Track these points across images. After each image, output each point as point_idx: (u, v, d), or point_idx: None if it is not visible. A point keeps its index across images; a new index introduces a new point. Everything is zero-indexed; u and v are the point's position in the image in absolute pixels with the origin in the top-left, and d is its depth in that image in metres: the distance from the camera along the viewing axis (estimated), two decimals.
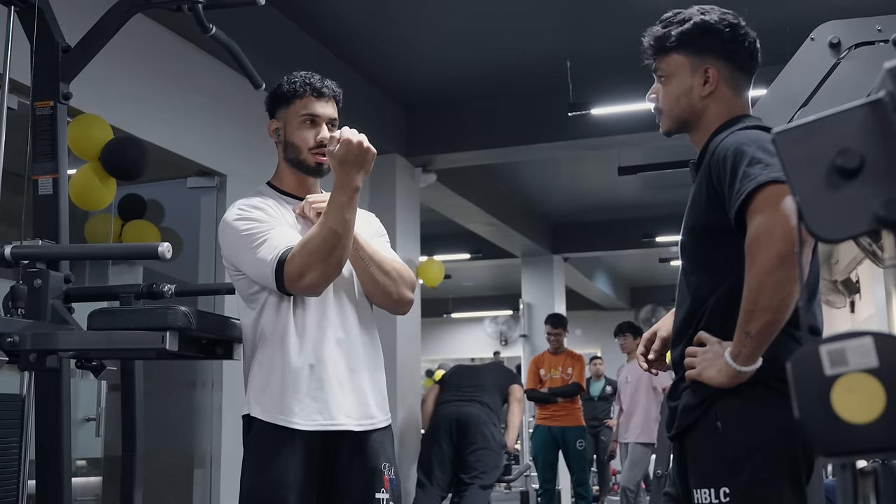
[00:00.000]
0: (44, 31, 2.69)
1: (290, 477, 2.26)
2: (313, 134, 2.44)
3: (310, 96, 2.45)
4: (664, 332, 2.12)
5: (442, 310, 17.22)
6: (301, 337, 2.34)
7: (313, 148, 2.44)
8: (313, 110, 2.45)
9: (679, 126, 2.03)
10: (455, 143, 7.81)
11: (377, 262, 2.41)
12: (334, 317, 2.39)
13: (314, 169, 2.47)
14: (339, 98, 2.53)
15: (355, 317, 2.43)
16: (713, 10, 1.99)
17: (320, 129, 2.44)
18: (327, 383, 2.32)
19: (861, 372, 0.86)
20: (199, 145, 5.28)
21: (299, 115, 2.45)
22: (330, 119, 2.47)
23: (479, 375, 6.94)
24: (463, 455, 6.35)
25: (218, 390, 5.25)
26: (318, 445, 2.31)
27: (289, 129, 2.48)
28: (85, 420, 4.39)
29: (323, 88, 2.46)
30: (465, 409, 6.47)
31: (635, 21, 2.81)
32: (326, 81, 2.49)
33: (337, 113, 2.51)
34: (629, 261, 14.93)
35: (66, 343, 2.24)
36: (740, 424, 1.76)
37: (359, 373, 2.38)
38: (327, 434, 2.31)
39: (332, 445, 2.33)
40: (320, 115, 2.45)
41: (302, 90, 2.46)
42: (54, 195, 2.64)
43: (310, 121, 2.45)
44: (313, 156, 2.45)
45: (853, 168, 0.89)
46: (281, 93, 2.50)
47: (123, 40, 2.94)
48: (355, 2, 5.90)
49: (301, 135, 2.45)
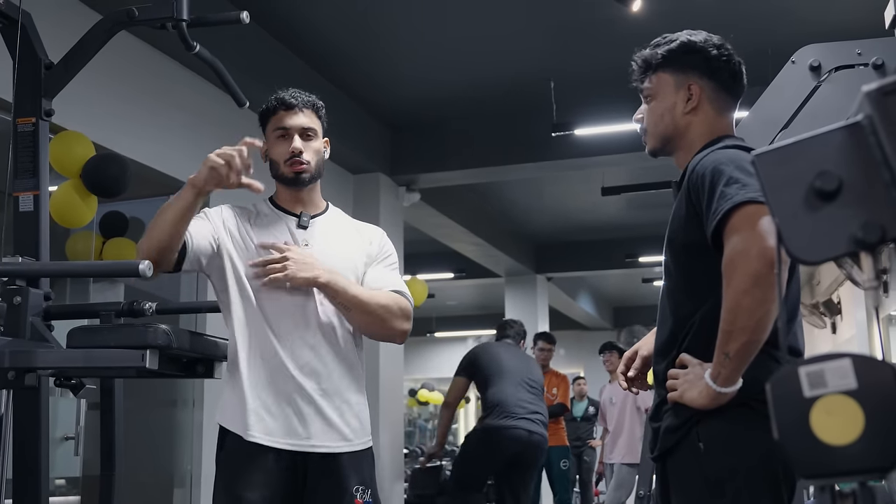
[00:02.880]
0: (27, 48, 2.67)
1: (257, 494, 2.26)
2: (286, 146, 2.47)
3: (280, 111, 2.49)
4: (645, 351, 2.12)
5: (425, 329, 17.18)
6: (274, 355, 2.35)
7: (287, 159, 2.46)
8: (283, 123, 2.48)
9: (663, 144, 2.04)
10: (439, 162, 7.83)
11: (358, 305, 2.40)
12: (311, 336, 2.38)
13: (292, 179, 2.49)
14: (316, 105, 2.54)
15: (334, 336, 2.42)
16: (700, 33, 2.03)
17: (292, 141, 2.47)
18: (298, 403, 2.33)
19: (840, 394, 0.86)
20: (181, 162, 5.26)
21: (273, 130, 2.50)
22: (302, 129, 2.48)
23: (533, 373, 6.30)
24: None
25: (199, 409, 5.22)
26: (289, 465, 2.32)
27: (269, 146, 2.52)
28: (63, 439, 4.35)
29: (291, 100, 2.49)
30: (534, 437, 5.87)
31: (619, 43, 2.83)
32: (296, 92, 2.52)
33: (314, 121, 2.52)
34: (612, 281, 14.96)
35: (45, 361, 2.22)
36: (723, 446, 1.76)
37: (333, 394, 2.38)
38: (297, 454, 2.32)
39: (303, 466, 2.33)
40: (291, 127, 2.48)
41: (274, 106, 2.51)
42: (35, 212, 2.62)
43: (282, 135, 2.48)
44: (289, 167, 2.47)
45: (832, 190, 0.89)
46: (261, 114, 2.56)
47: (106, 57, 2.93)
48: (340, 21, 5.91)
49: (277, 150, 2.50)
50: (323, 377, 2.37)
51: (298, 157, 2.45)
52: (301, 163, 2.46)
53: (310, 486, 2.33)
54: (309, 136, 2.49)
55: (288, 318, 2.38)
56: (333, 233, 2.54)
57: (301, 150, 2.46)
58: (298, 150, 2.45)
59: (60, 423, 4.40)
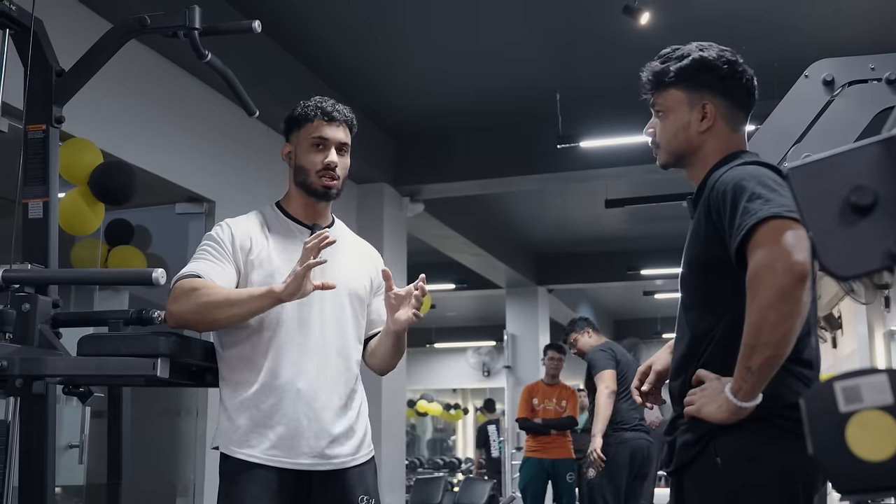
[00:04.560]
0: (38, 55, 2.67)
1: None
2: (322, 157, 2.44)
3: (320, 120, 2.45)
4: (659, 366, 2.11)
5: (425, 340, 17.18)
6: (278, 369, 2.33)
7: (320, 171, 2.43)
8: (323, 133, 2.44)
9: (676, 160, 2.03)
10: (443, 173, 7.83)
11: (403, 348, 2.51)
12: (317, 351, 2.37)
13: (321, 192, 2.46)
14: (352, 123, 2.52)
15: (339, 351, 2.42)
16: (711, 47, 2.00)
17: (329, 153, 2.44)
18: (302, 419, 2.31)
19: (876, 409, 0.86)
20: (188, 171, 5.27)
21: (309, 138, 2.45)
22: (340, 143, 2.46)
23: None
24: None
25: (202, 418, 5.20)
26: (292, 482, 2.30)
27: (299, 152, 2.47)
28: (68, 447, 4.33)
29: (334, 113, 2.46)
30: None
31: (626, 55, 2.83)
32: (338, 106, 2.49)
33: (349, 138, 2.50)
34: (613, 293, 14.96)
35: (54, 369, 2.20)
36: (740, 461, 1.75)
37: (338, 409, 2.36)
38: (300, 473, 2.30)
39: (306, 482, 2.31)
40: (329, 139, 2.44)
41: (313, 114, 2.46)
42: (44, 219, 2.61)
43: (319, 144, 2.45)
44: (320, 178, 2.44)
45: (867, 205, 0.89)
46: (293, 117, 2.50)
47: (116, 65, 2.92)
48: (347, 31, 5.92)
49: (310, 158, 2.45)
50: (328, 392, 2.36)
51: (333, 170, 2.44)
52: (334, 178, 2.44)
53: (314, 499, 2.32)
54: (343, 153, 2.47)
55: (294, 332, 2.36)
56: (343, 248, 2.52)
57: (337, 163, 2.44)
58: (335, 164, 2.43)
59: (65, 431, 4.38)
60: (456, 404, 19.75)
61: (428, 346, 17.66)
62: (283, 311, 2.36)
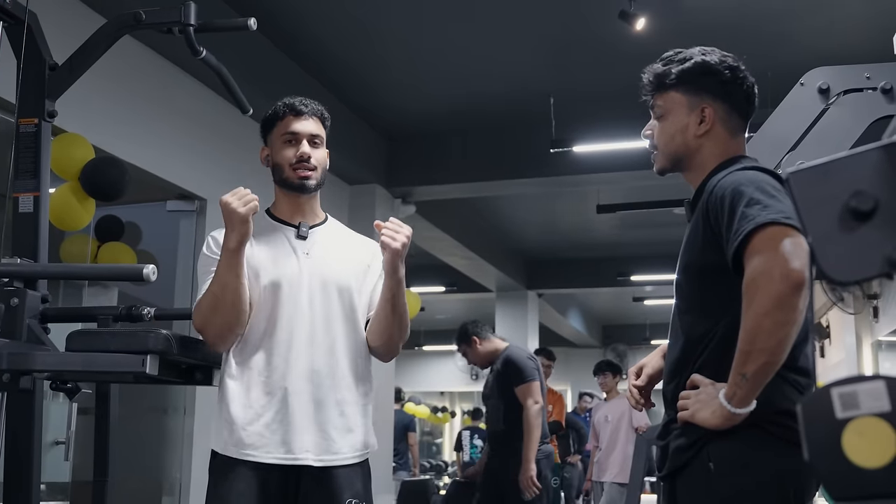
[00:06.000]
0: (32, 48, 2.65)
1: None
2: (294, 151, 2.45)
3: (289, 116, 2.47)
4: (650, 369, 2.11)
5: (413, 342, 17.15)
6: (268, 367, 2.33)
7: (294, 164, 2.44)
8: (292, 128, 2.46)
9: (673, 164, 2.03)
10: (435, 175, 7.83)
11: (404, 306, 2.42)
12: (312, 347, 2.36)
13: (298, 185, 2.46)
14: (323, 115, 2.54)
15: (337, 348, 2.40)
16: (714, 52, 2.00)
17: (301, 146, 2.45)
18: (291, 416, 2.30)
19: (873, 416, 0.85)
20: (180, 169, 5.24)
21: (281, 135, 2.47)
22: (311, 135, 2.47)
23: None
24: None
25: (190, 416, 5.18)
26: (279, 479, 2.29)
27: (274, 150, 2.49)
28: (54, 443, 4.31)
29: (300, 107, 2.48)
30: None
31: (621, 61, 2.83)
32: (305, 101, 2.50)
33: (321, 130, 2.52)
34: (602, 299, 14.97)
35: (43, 364, 2.19)
36: (733, 467, 1.75)
37: (327, 406, 2.35)
38: (288, 468, 2.29)
39: (294, 480, 2.30)
40: (299, 133, 2.46)
41: (282, 112, 2.48)
42: (35, 213, 2.60)
43: (291, 139, 2.46)
44: (295, 171, 2.45)
45: (867, 210, 0.88)
46: (266, 118, 2.53)
47: (109, 61, 2.91)
48: (341, 31, 5.92)
49: (283, 154, 2.46)
50: (321, 390, 2.35)
51: (307, 161, 2.44)
52: (309, 168, 2.44)
53: (301, 499, 2.31)
54: (316, 144, 2.48)
55: (289, 330, 2.35)
56: (333, 243, 2.52)
57: (310, 154, 2.45)
58: (307, 155, 2.44)
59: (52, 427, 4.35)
60: (443, 407, 19.72)
61: (416, 348, 17.64)
62: (273, 308, 2.35)
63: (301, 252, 2.44)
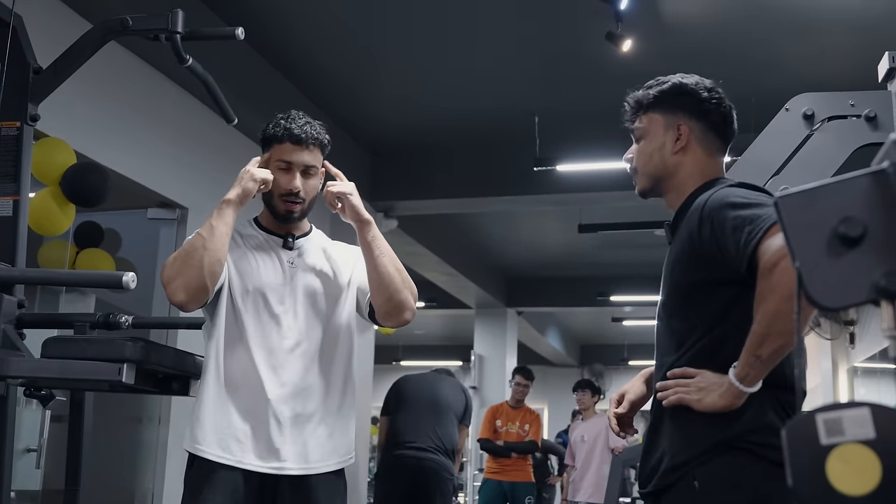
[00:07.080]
0: (16, 51, 2.64)
1: None
2: (286, 181, 2.44)
3: (287, 143, 2.44)
4: (632, 395, 2.10)
5: (391, 357, 17.08)
6: (249, 375, 2.32)
7: (283, 195, 2.43)
8: (287, 157, 2.44)
9: (653, 184, 2.04)
10: (418, 190, 7.82)
11: (389, 254, 2.43)
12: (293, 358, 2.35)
13: (283, 216, 2.47)
14: (323, 143, 2.50)
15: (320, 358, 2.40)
16: (693, 76, 2.05)
17: (293, 178, 2.43)
18: (270, 424, 2.30)
19: (857, 443, 0.85)
20: (162, 177, 5.21)
21: (276, 160, 2.45)
22: (305, 166, 2.45)
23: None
24: None
25: (164, 426, 5.13)
26: (256, 486, 2.29)
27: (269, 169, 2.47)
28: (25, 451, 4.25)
29: (301, 135, 2.43)
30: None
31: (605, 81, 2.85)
32: (307, 127, 2.45)
33: (318, 159, 2.48)
34: (581, 318, 14.99)
35: (17, 370, 2.16)
36: (719, 486, 1.75)
37: (308, 415, 2.34)
38: (265, 476, 2.29)
39: (271, 488, 2.30)
40: (293, 163, 2.44)
41: (282, 135, 2.44)
42: (14, 217, 2.57)
43: (284, 168, 2.45)
44: (283, 202, 2.44)
45: (855, 237, 0.88)
46: (266, 134, 2.50)
47: (94, 66, 2.90)
48: (328, 43, 5.92)
49: (275, 180, 2.44)
50: (300, 399, 2.34)
51: (295, 195, 2.43)
52: (296, 202, 2.44)
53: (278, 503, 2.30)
54: (310, 174, 2.47)
55: (270, 339, 2.35)
56: (318, 253, 2.53)
57: (299, 189, 2.43)
58: (297, 190, 2.42)
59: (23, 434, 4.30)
60: None
61: (394, 363, 17.55)
62: (253, 314, 2.35)
63: (287, 262, 2.44)
